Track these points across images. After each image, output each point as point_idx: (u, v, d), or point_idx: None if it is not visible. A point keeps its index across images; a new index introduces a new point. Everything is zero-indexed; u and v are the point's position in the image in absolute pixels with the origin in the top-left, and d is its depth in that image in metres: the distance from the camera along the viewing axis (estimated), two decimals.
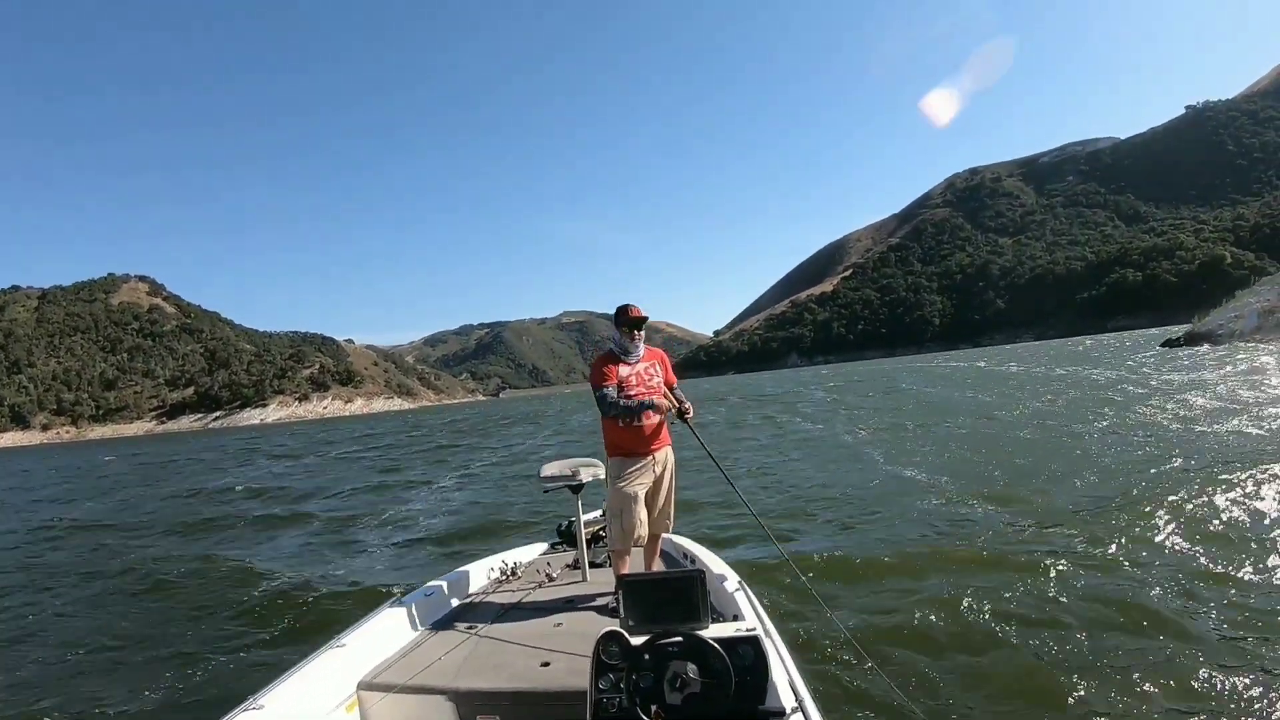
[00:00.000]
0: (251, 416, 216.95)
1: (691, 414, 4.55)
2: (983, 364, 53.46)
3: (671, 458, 4.62)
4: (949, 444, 14.29)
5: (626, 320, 4.42)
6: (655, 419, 4.42)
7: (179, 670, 5.87)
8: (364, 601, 7.08)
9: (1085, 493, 8.94)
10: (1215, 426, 12.81)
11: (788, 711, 2.36)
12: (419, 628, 3.95)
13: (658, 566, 4.75)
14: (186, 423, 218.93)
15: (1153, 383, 22.62)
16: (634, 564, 4.62)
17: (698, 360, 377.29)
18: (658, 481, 4.52)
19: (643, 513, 4.41)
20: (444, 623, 4.08)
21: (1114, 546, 6.57)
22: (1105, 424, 14.44)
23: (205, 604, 7.91)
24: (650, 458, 4.45)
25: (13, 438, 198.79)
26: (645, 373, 4.48)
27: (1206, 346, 39.88)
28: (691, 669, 2.40)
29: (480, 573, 5.00)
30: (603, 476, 4.67)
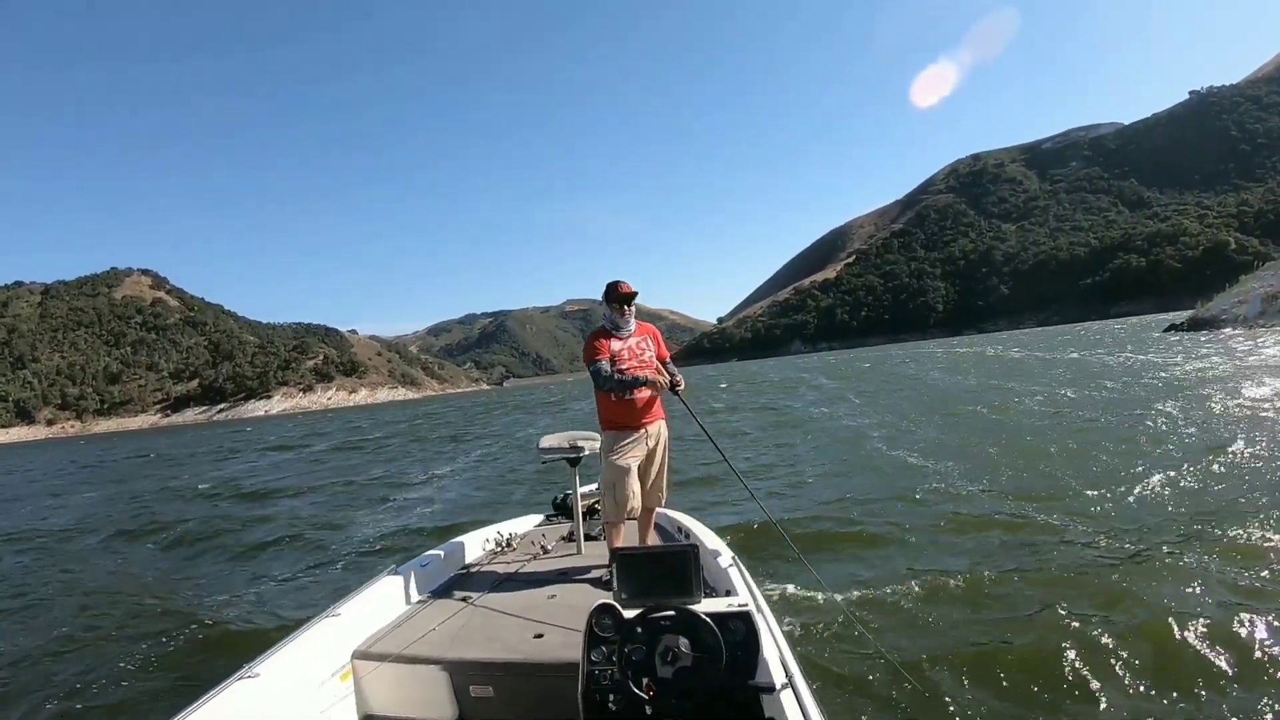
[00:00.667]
0: (256, 408, 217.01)
1: (684, 386, 4.61)
2: (990, 350, 53.08)
3: (665, 431, 4.66)
4: (955, 430, 14.07)
5: (616, 296, 4.50)
6: (648, 392, 4.48)
7: (174, 641, 5.93)
8: (359, 573, 7.12)
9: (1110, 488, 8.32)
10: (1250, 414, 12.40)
11: (778, 687, 2.37)
12: (414, 598, 3.97)
13: (652, 540, 4.76)
14: (191, 415, 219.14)
15: (1173, 369, 22.13)
16: (628, 537, 4.65)
17: (701, 347, 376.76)
18: (650, 454, 4.57)
19: (635, 485, 4.46)
20: (439, 593, 4.09)
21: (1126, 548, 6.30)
22: (1132, 414, 13.63)
23: (198, 580, 8.01)
24: (643, 431, 4.50)
25: (18, 433, 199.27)
26: (637, 347, 4.56)
27: (1227, 330, 39.21)
28: (683, 643, 2.41)
29: (476, 543, 5.02)
30: (599, 450, 4.68)
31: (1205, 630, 4.32)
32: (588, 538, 5.02)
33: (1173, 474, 8.34)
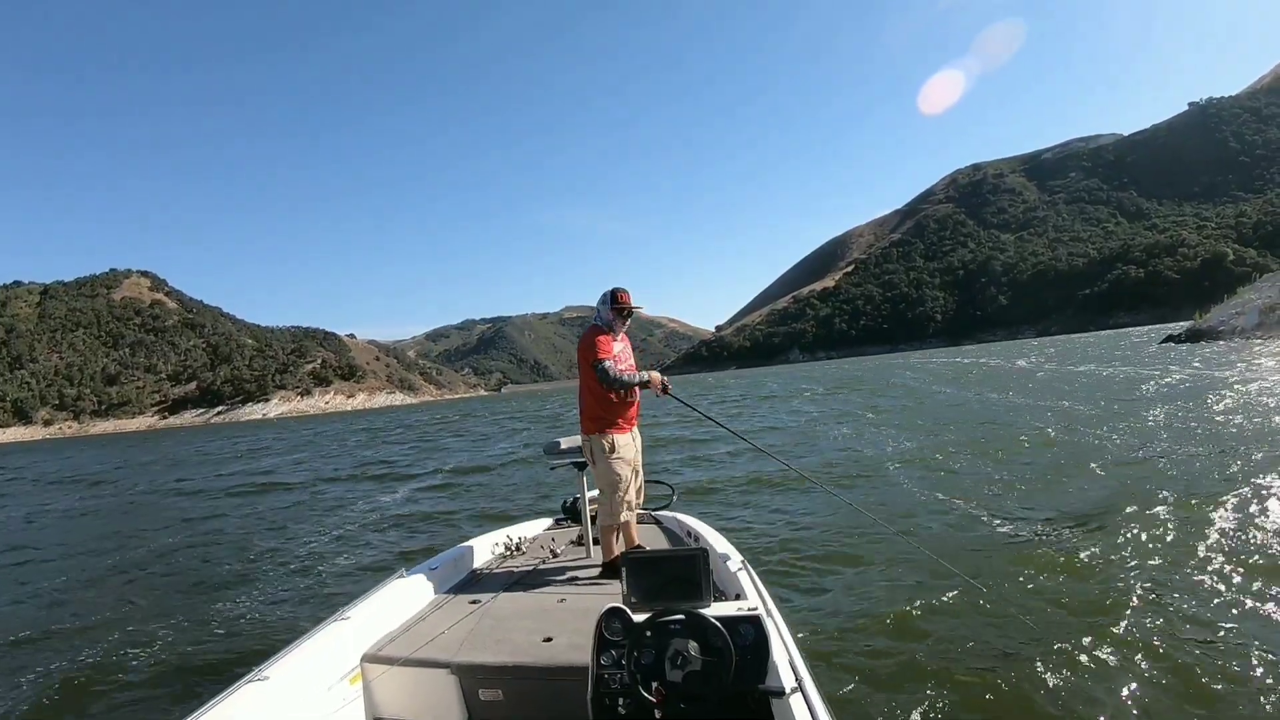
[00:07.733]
0: (254, 411, 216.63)
1: (670, 389, 4.62)
2: (996, 361, 52.90)
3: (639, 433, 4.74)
4: (960, 442, 13.53)
5: (622, 307, 4.52)
6: (638, 394, 4.56)
7: (183, 644, 5.93)
8: (368, 574, 7.14)
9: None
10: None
11: (787, 691, 2.36)
12: (423, 601, 3.97)
13: (661, 543, 4.80)
14: (189, 417, 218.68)
15: (1193, 382, 21.80)
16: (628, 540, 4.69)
17: (699, 355, 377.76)
18: (638, 454, 4.64)
19: (634, 486, 4.52)
20: (448, 597, 4.08)
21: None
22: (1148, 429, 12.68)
23: (207, 579, 8.01)
24: (633, 431, 4.58)
25: (15, 433, 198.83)
26: (625, 352, 4.62)
27: (1224, 342, 38.72)
28: (693, 647, 2.40)
29: (485, 547, 5.03)
30: (602, 452, 4.66)
31: None
32: (597, 541, 4.94)
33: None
